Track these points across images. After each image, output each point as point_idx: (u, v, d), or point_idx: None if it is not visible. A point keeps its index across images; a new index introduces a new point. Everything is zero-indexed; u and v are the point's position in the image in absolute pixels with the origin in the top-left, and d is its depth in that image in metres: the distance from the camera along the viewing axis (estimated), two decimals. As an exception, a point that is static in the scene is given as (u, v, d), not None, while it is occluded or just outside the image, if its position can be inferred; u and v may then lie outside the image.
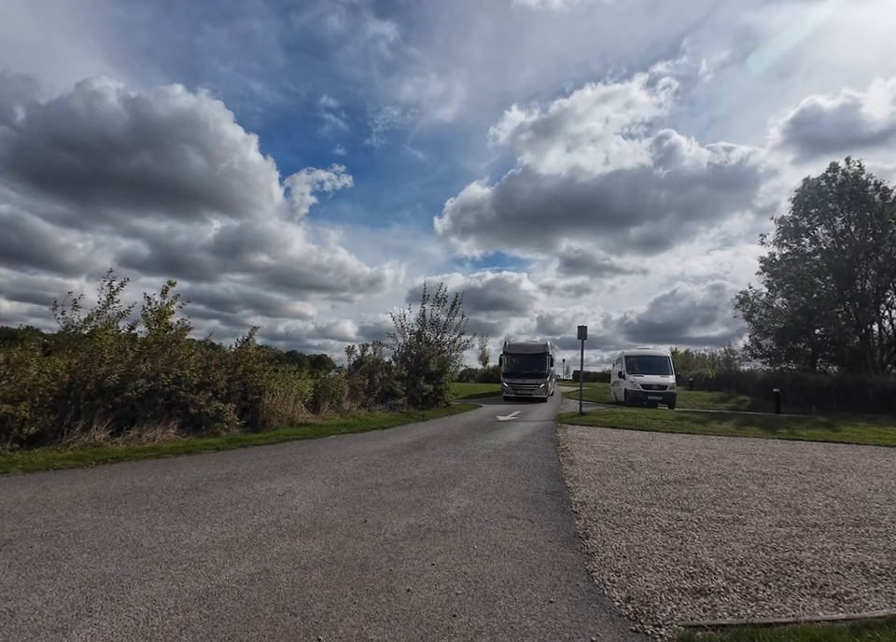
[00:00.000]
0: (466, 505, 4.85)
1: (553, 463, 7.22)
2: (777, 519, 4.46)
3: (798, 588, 2.99)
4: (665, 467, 6.98)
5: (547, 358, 21.98)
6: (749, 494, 5.43)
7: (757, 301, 26.98)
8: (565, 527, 4.27)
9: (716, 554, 3.57)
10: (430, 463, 6.90)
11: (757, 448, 9.18)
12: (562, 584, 3.09)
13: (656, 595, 2.92)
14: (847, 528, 4.19)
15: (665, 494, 5.42)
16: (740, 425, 13.58)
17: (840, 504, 5.03)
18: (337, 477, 5.89)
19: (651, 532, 4.12)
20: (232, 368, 9.16)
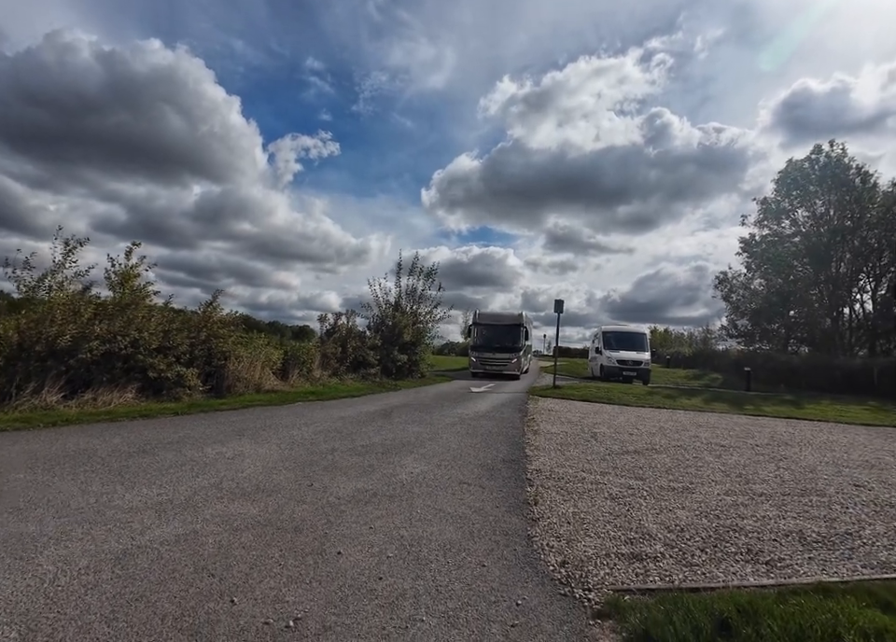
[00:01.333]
0: (419, 471, 4.79)
1: (517, 432, 7.21)
2: (725, 488, 4.49)
3: (733, 554, 2.98)
4: (628, 438, 7.02)
5: (522, 331, 19.74)
6: (703, 464, 5.48)
7: (736, 282, 27.23)
8: (515, 494, 4.23)
9: (659, 521, 3.56)
10: (392, 430, 6.83)
11: (721, 422, 9.33)
12: (499, 548, 3.04)
13: (592, 560, 2.89)
14: (792, 498, 4.24)
15: (622, 463, 5.43)
16: (709, 400, 13.83)
17: (790, 475, 5.10)
18: (293, 442, 5.78)
19: (600, 499, 4.11)
20: (195, 332, 8.88)
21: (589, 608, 2.37)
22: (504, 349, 19.26)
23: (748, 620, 2.09)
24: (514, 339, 19.52)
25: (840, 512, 3.85)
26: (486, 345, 19.78)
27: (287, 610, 2.24)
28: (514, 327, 19.80)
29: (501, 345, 19.37)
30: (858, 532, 3.38)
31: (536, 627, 2.20)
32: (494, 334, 20.11)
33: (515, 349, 19.30)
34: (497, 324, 20.09)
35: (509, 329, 19.80)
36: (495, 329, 20.14)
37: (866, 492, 4.51)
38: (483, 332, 20.38)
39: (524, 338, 19.80)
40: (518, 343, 19.47)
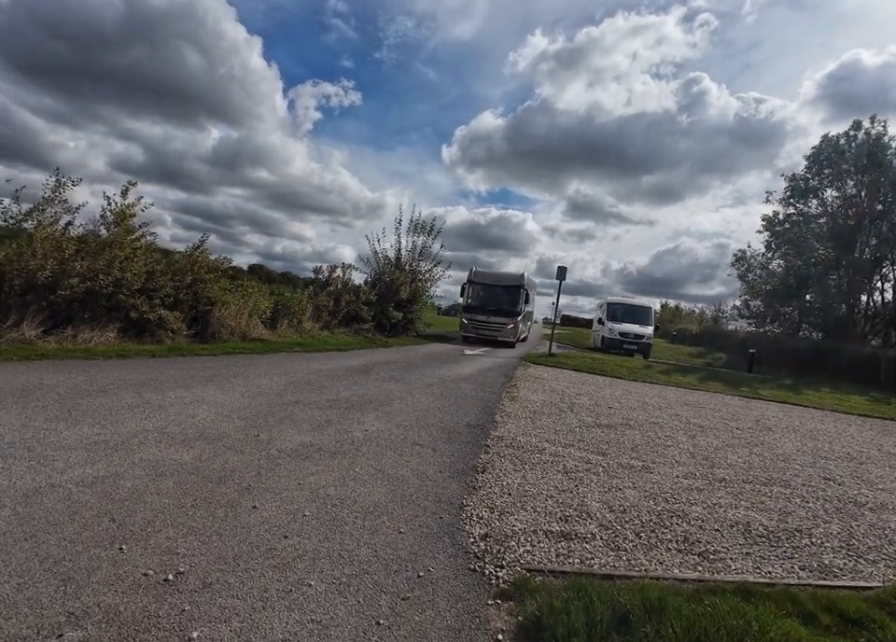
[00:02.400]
0: (376, 429, 4.69)
1: (494, 398, 7.09)
2: (686, 470, 4.33)
3: (667, 542, 2.83)
4: (606, 411, 6.86)
5: (522, 293, 17.49)
6: (673, 444, 5.31)
7: (754, 261, 26.22)
8: (466, 460, 4.11)
9: (604, 500, 3.42)
10: (365, 387, 6.74)
11: (710, 402, 9.12)
12: (424, 515, 2.93)
13: (517, 536, 2.76)
14: (752, 487, 4.06)
15: (590, 437, 5.28)
16: (704, 379, 13.58)
17: (759, 462, 4.91)
18: (259, 391, 5.71)
19: (552, 472, 3.97)
20: (181, 275, 8.74)
21: (494, 587, 2.25)
22: (500, 312, 17.31)
23: (651, 617, 1.94)
24: (513, 302, 17.57)
25: (798, 506, 3.67)
26: (480, 307, 17.83)
27: (174, 563, 2.15)
28: (514, 288, 17.79)
29: (497, 308, 17.46)
30: (809, 529, 3.20)
31: (428, 602, 2.08)
32: (490, 295, 18.17)
33: (513, 313, 17.37)
34: (495, 284, 18.14)
35: (507, 291, 17.87)
36: (491, 290, 18.21)
37: (835, 487, 4.32)
38: (477, 292, 18.39)
39: (523, 302, 17.63)
40: (516, 307, 17.48)
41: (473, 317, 17.53)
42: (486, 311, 17.52)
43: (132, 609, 1.84)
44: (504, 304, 17.58)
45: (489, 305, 17.79)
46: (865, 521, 3.50)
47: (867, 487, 4.40)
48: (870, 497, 4.09)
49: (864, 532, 3.29)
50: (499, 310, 17.38)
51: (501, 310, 17.36)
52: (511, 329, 17.19)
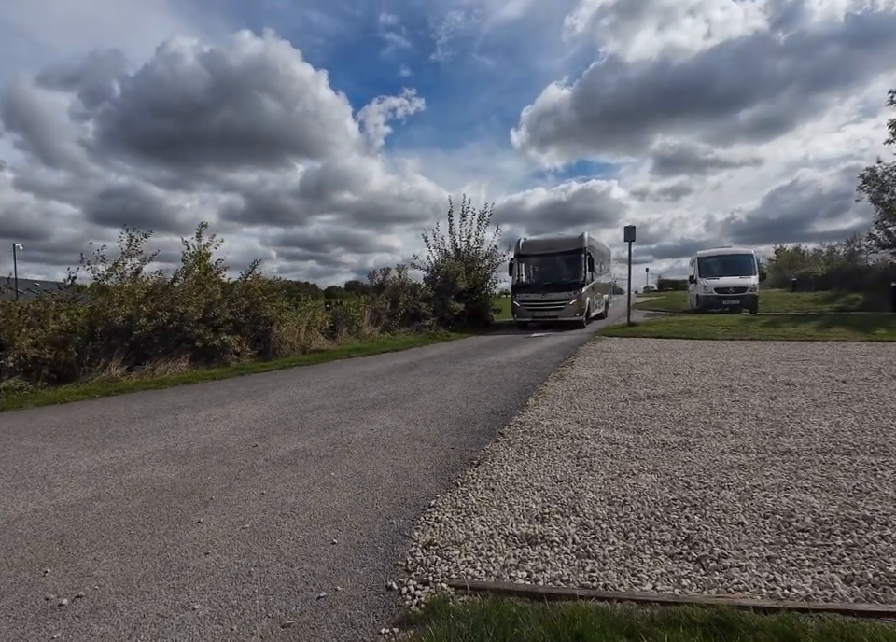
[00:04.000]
0: (382, 427, 4.47)
1: (539, 379, 6.50)
2: (739, 443, 3.47)
3: (660, 544, 2.19)
4: (669, 379, 5.94)
5: (583, 259, 14.01)
6: (739, 410, 4.36)
7: (888, 178, 21.57)
8: (466, 453, 3.72)
9: (606, 491, 2.82)
10: (400, 384, 6.57)
11: (820, 353, 7.53)
12: (375, 522, 2.63)
13: (467, 542, 2.34)
14: (826, 457, 3.11)
15: (632, 412, 4.55)
16: (825, 326, 11.40)
17: (854, 424, 3.80)
18: (289, 401, 5.80)
19: (561, 459, 3.43)
20: (237, 302, 9.37)
21: (402, 610, 1.88)
22: (558, 287, 14.03)
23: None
24: (573, 271, 14.20)
25: (885, 482, 2.71)
26: (533, 284, 14.79)
27: (79, 586, 2.11)
28: (572, 254, 14.27)
29: (553, 282, 14.25)
30: (887, 518, 2.31)
31: (309, 630, 1.78)
32: (543, 268, 15.11)
33: (575, 285, 13.89)
34: (548, 253, 14.86)
35: (564, 259, 14.51)
36: (544, 261, 15.06)
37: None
38: (528, 267, 15.38)
39: (586, 269, 14.10)
40: (579, 277, 13.97)
41: (526, 298, 14.60)
42: (540, 287, 14.40)
43: (9, 636, 1.80)
44: (562, 276, 14.44)
45: (543, 280, 14.80)
46: None
47: None
48: None
49: None
50: (556, 283, 14.22)
51: (559, 283, 14.21)
52: (574, 305, 13.91)
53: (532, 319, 14.62)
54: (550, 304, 14.16)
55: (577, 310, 13.94)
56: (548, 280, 14.69)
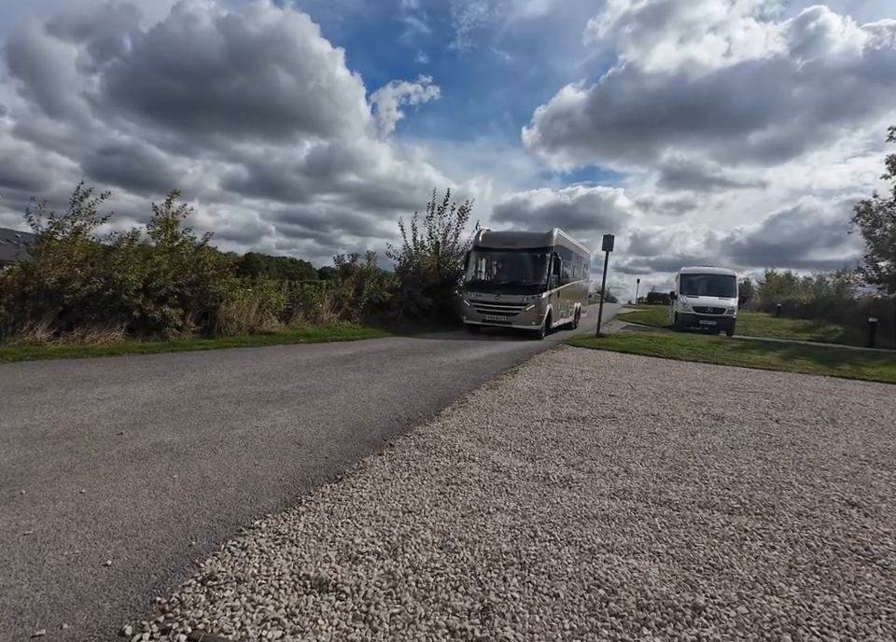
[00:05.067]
0: (269, 425, 4.16)
1: (471, 387, 6.21)
2: (624, 486, 3.19)
3: (452, 613, 1.89)
4: (602, 400, 5.66)
5: (548, 259, 12.21)
6: (649, 445, 4.09)
7: (882, 214, 21.39)
8: (340, 464, 3.42)
9: (445, 531, 2.53)
10: (324, 377, 6.25)
11: (772, 385, 7.28)
12: (171, 542, 2.32)
13: (253, 580, 2.05)
14: (702, 514, 2.84)
15: (542, 434, 4.27)
16: (792, 356, 11.18)
17: (758, 475, 3.53)
18: (197, 385, 5.47)
19: (429, 484, 3.13)
20: (184, 274, 8.98)
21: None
22: (514, 288, 12.19)
23: None
24: (536, 273, 12.29)
25: (752, 551, 2.44)
26: (487, 283, 12.99)
27: None
28: (537, 253, 12.44)
29: (510, 283, 12.46)
30: (715, 611, 2.03)
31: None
32: (502, 265, 13.36)
33: (534, 289, 12.01)
34: (509, 248, 12.97)
35: (527, 258, 12.66)
36: (504, 258, 13.24)
37: (850, 516, 2.91)
38: (486, 263, 13.51)
39: (550, 271, 12.20)
40: (540, 280, 12.13)
41: (477, 298, 12.55)
42: (495, 287, 12.49)
43: None
44: (521, 276, 12.51)
45: (500, 279, 12.96)
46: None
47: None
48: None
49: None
50: (513, 285, 12.35)
51: (516, 284, 12.31)
52: (530, 312, 11.97)
53: (482, 323, 12.79)
54: (503, 308, 12.30)
55: (533, 317, 12.12)
56: (505, 280, 12.97)
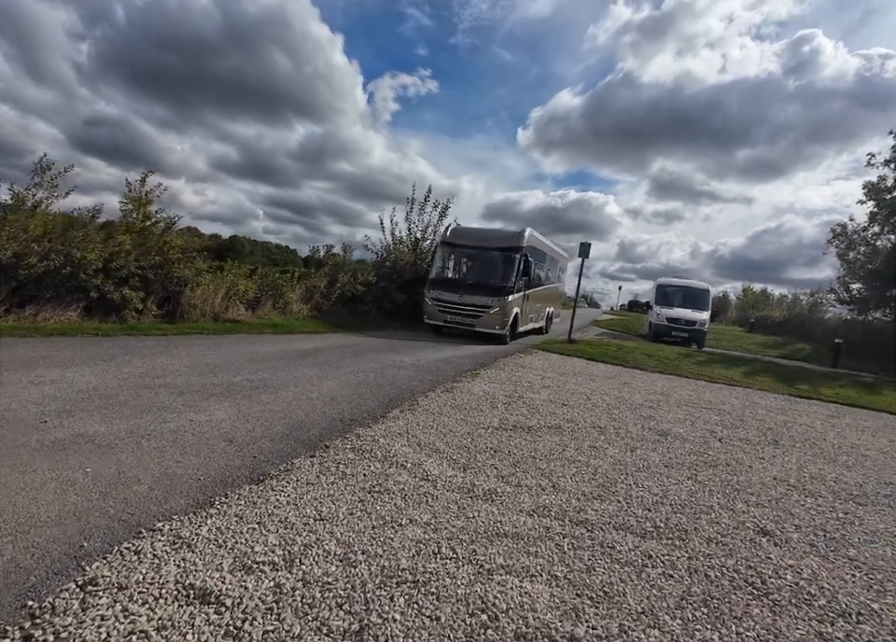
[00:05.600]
0: (205, 420, 4.06)
1: (426, 388, 6.17)
2: (546, 503, 3.19)
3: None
4: (553, 409, 5.68)
5: (518, 260, 11.63)
6: (584, 460, 4.10)
7: (857, 237, 21.97)
8: (268, 465, 3.36)
9: (350, 542, 2.49)
10: (277, 371, 6.15)
11: (729, 402, 7.40)
12: (64, 542, 2.24)
13: (134, 587, 1.98)
14: (612, 536, 2.85)
15: (483, 442, 4.25)
16: (754, 372, 11.40)
17: (683, 496, 3.58)
18: (143, 373, 5.33)
19: (352, 491, 3.08)
20: (147, 256, 8.76)
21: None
22: (479, 289, 11.53)
23: None
24: (504, 274, 11.66)
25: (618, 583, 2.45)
26: (451, 281, 12.25)
27: None
28: (506, 252, 11.82)
29: (476, 283, 11.85)
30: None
31: None
32: (469, 264, 12.72)
33: (501, 291, 11.40)
34: (477, 246, 12.29)
35: (495, 258, 12.04)
36: (472, 256, 12.61)
37: (769, 548, 2.95)
38: (452, 260, 12.84)
39: (519, 273, 11.62)
40: (507, 281, 11.50)
41: (440, 297, 11.78)
42: (460, 287, 11.78)
43: None
44: (488, 277, 11.87)
45: (466, 279, 12.33)
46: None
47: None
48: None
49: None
50: (479, 285, 11.68)
51: (482, 285, 11.64)
52: (495, 315, 11.29)
53: (444, 324, 11.94)
54: (466, 309, 11.53)
55: (498, 321, 11.44)
56: (470, 279, 12.33)
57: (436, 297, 11.91)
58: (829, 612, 2.14)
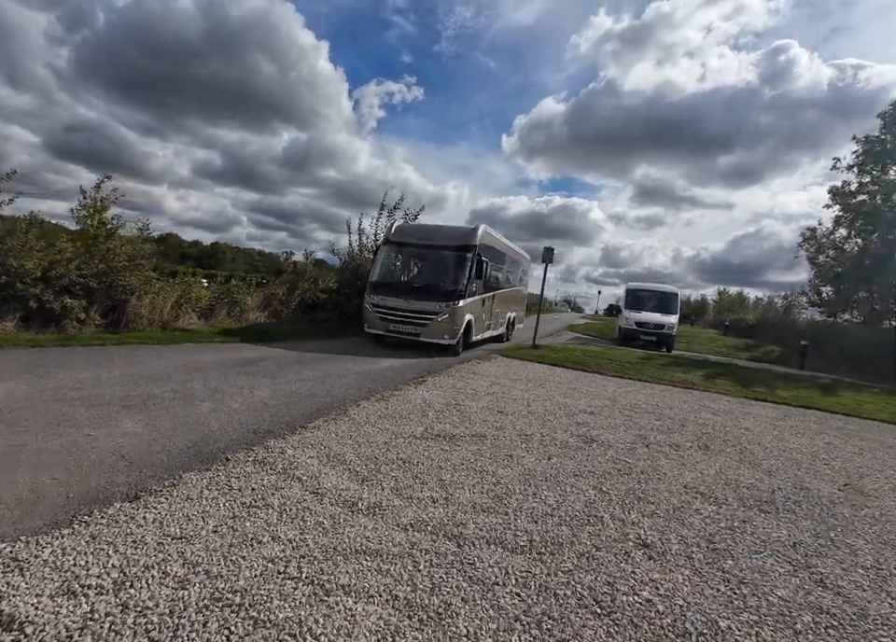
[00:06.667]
0: (104, 434, 3.93)
1: (361, 396, 6.07)
2: (428, 517, 3.12)
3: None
4: (485, 417, 5.62)
5: (470, 260, 10.28)
6: (493, 469, 4.04)
7: (826, 241, 22.47)
8: (152, 480, 3.24)
9: (196, 561, 2.40)
10: (207, 381, 6.00)
11: (678, 406, 7.41)
12: None
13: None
14: (480, 553, 2.79)
15: (397, 453, 4.17)
16: (715, 375, 11.48)
17: (579, 506, 3.54)
18: (66, 385, 5.16)
19: (229, 507, 2.98)
20: (87, 263, 8.58)
21: None
22: (426, 293, 10.18)
23: None
24: (454, 276, 10.31)
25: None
26: (394, 285, 10.83)
27: None
28: (457, 252, 10.47)
29: (423, 286, 10.54)
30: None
31: None
32: (415, 265, 11.54)
33: (450, 295, 10.04)
34: (425, 244, 10.92)
35: (444, 258, 10.73)
36: (419, 256, 11.37)
37: (641, 561, 2.91)
38: (397, 261, 11.51)
39: (472, 275, 10.24)
40: (458, 284, 10.16)
41: (382, 302, 10.29)
42: (404, 291, 10.42)
43: None
44: (436, 280, 10.55)
45: (412, 282, 11.02)
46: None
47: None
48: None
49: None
50: (426, 289, 10.35)
51: (430, 289, 10.31)
52: (443, 323, 9.90)
53: (386, 333, 10.41)
54: (411, 317, 10.05)
55: (447, 330, 9.99)
56: (416, 282, 10.97)
57: (377, 303, 10.37)
58: (668, 633, 2.08)
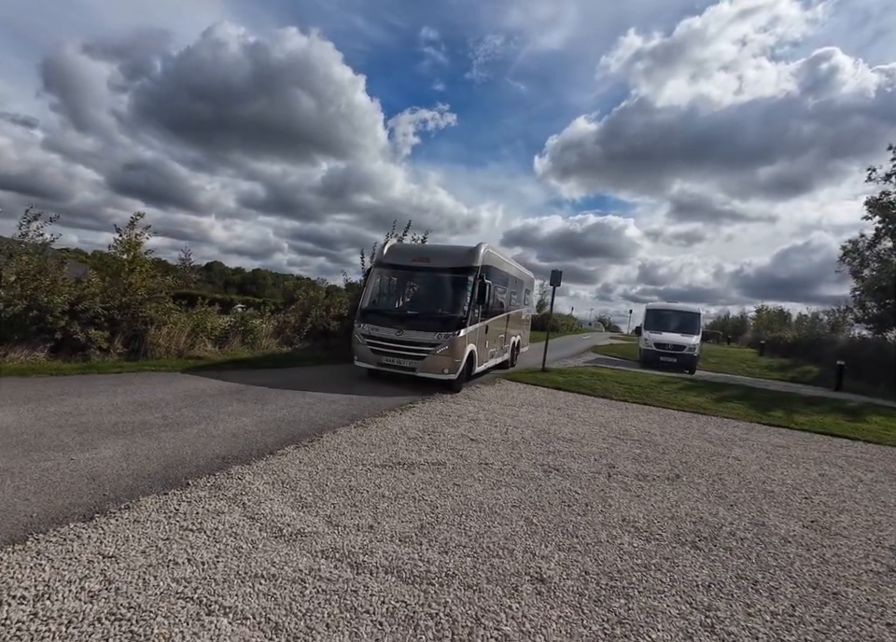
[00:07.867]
0: (85, 458, 4.31)
1: (342, 423, 6.31)
2: (348, 544, 3.27)
3: None
4: (457, 445, 5.73)
5: (472, 284, 9.18)
6: (432, 499, 4.14)
7: (869, 253, 21.22)
8: (104, 503, 3.56)
9: (86, 586, 2.66)
10: (198, 408, 6.39)
11: (673, 433, 7.23)
12: None
13: None
14: (377, 585, 2.90)
15: (344, 481, 4.34)
16: (728, 399, 11.04)
17: (498, 539, 3.58)
18: (63, 412, 5.68)
19: (154, 538, 3.26)
20: (114, 298, 9.37)
21: None
22: (422, 322, 9.08)
23: None
24: (454, 302, 9.25)
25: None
26: (389, 312, 9.75)
27: None
28: (457, 274, 9.40)
29: (419, 313, 9.43)
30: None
31: None
32: (410, 289, 10.55)
33: (449, 323, 8.93)
34: (421, 267, 9.74)
35: (443, 281, 9.64)
36: (414, 280, 10.31)
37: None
38: (391, 286, 10.41)
39: (473, 300, 9.13)
40: (458, 311, 9.05)
41: (373, 333, 9.22)
42: (398, 319, 9.32)
43: None
44: (433, 306, 9.49)
45: (406, 308, 9.98)
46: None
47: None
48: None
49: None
50: (422, 316, 9.22)
51: (425, 317, 9.20)
52: (442, 357, 8.76)
53: (378, 367, 9.25)
54: (406, 349, 8.93)
55: (447, 364, 8.79)
56: (412, 309, 9.80)
57: (367, 332, 9.29)
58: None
